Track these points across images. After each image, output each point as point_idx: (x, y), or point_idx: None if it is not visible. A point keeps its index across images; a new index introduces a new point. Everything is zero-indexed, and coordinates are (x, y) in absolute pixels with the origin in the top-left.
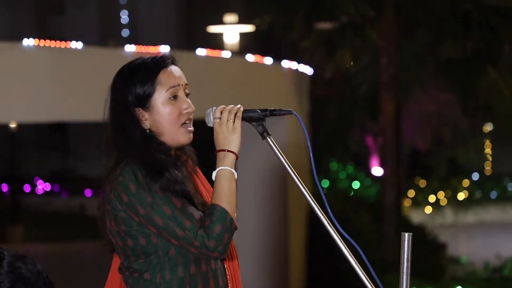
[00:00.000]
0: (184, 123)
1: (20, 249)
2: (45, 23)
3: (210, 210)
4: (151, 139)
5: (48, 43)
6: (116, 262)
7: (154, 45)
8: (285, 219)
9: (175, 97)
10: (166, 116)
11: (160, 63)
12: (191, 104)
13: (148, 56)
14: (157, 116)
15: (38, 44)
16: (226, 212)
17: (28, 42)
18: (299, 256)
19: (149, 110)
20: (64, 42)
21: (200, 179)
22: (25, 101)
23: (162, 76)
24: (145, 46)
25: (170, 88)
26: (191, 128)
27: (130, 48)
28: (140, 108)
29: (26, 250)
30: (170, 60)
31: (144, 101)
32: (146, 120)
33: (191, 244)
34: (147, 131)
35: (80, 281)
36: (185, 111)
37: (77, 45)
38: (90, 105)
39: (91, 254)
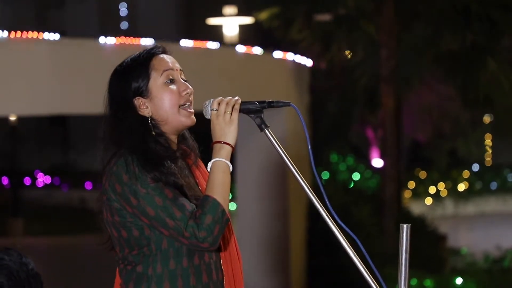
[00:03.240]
0: (184, 104)
1: (21, 242)
2: (45, 16)
3: (202, 201)
4: (150, 128)
5: (25, 34)
6: None
7: (137, 37)
8: (285, 211)
9: (171, 80)
10: (165, 99)
11: (151, 52)
12: (189, 85)
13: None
14: (156, 100)
15: (15, 36)
16: (218, 203)
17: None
18: (299, 248)
19: (148, 96)
20: (41, 33)
21: (202, 172)
22: (24, 94)
23: (154, 62)
24: (126, 37)
25: (164, 72)
26: (192, 110)
27: (109, 40)
28: (139, 97)
29: (27, 243)
30: (160, 49)
31: (142, 89)
32: (147, 107)
33: (182, 235)
34: (149, 119)
35: (80, 274)
36: (183, 93)
37: (55, 36)
38: (90, 97)
39: (91, 248)
